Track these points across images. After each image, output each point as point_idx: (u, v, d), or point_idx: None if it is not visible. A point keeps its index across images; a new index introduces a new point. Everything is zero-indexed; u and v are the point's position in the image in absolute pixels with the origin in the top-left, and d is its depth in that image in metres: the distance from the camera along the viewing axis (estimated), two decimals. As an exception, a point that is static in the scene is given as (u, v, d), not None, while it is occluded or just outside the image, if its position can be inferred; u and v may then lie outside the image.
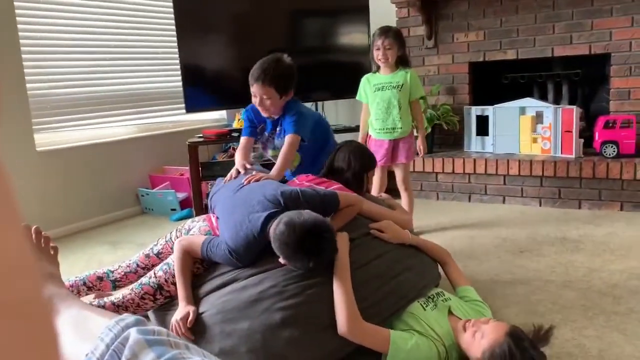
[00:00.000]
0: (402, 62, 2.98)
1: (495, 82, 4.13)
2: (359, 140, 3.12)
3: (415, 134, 3.13)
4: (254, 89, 2.26)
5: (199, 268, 1.82)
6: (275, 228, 1.60)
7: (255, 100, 2.29)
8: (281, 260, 1.63)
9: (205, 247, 1.75)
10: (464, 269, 2.06)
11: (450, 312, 1.70)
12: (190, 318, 1.67)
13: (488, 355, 1.45)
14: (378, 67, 3.00)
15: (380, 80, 2.97)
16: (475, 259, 2.67)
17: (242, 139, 2.40)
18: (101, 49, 3.89)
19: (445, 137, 4.21)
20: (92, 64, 3.84)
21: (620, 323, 1.92)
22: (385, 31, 2.90)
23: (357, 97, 3.13)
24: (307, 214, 1.60)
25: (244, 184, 1.91)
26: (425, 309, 1.70)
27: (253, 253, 1.71)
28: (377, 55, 2.92)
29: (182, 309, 1.70)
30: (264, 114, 2.33)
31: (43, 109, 3.52)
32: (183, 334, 1.66)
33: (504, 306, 2.12)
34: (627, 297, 2.14)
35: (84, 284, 2.05)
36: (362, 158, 2.18)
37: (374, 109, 3.00)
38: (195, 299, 1.74)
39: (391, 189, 3.06)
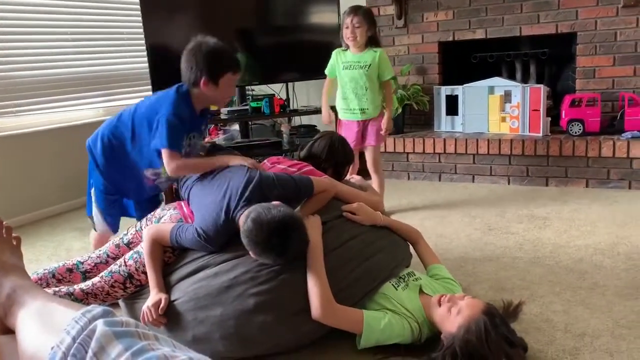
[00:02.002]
0: (372, 42, 2.94)
1: (464, 62, 4.16)
2: (323, 113, 3.10)
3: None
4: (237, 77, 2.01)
5: (170, 257, 1.79)
6: (244, 223, 1.58)
7: (227, 95, 2.05)
8: (251, 254, 1.62)
9: (174, 233, 1.72)
10: (434, 247, 2.08)
11: (421, 291, 1.73)
12: (161, 305, 1.66)
13: (464, 331, 1.47)
14: (348, 46, 2.97)
15: (349, 59, 2.95)
16: (445, 237, 2.71)
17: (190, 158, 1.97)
18: (64, 29, 3.76)
19: (415, 117, 4.23)
20: (54, 44, 3.71)
21: (585, 297, 1.98)
22: (354, 10, 2.86)
23: (325, 71, 3.08)
24: (276, 210, 1.57)
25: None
26: (397, 289, 1.72)
27: (222, 237, 1.69)
28: (346, 34, 2.89)
29: (154, 296, 1.69)
30: (222, 106, 2.12)
31: (3, 92, 3.39)
32: (154, 320, 1.64)
33: (473, 283, 2.16)
34: (591, 272, 2.20)
35: (53, 276, 1.99)
36: (344, 152, 2.18)
37: (342, 88, 2.98)
38: (166, 287, 1.72)
39: (362, 170, 3.07)
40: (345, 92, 2.97)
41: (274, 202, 1.63)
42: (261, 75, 4.13)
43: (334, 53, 3.03)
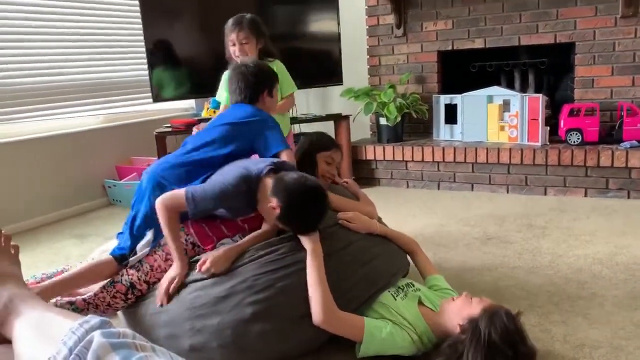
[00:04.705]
0: (265, 54, 2.61)
1: (463, 71, 4.17)
2: None
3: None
4: None
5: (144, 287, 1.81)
6: (284, 175, 1.65)
7: (276, 105, 2.24)
8: (272, 204, 1.62)
9: (190, 189, 1.71)
10: (433, 257, 2.07)
11: (420, 302, 1.72)
12: (174, 283, 1.68)
13: (490, 314, 1.44)
14: None
15: None
16: (444, 246, 2.70)
17: None
18: (64, 36, 3.78)
19: (414, 126, 4.24)
20: (54, 51, 3.71)
21: (584, 308, 1.97)
22: (237, 23, 2.52)
23: (216, 97, 2.76)
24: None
25: None
26: (395, 299, 1.71)
27: (246, 193, 1.68)
28: (234, 51, 2.55)
29: (175, 269, 1.71)
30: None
31: (3, 99, 3.40)
32: (162, 295, 1.68)
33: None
34: (590, 281, 2.20)
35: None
36: (313, 138, 2.16)
37: None
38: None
39: (359, 178, 3.07)
40: None
41: None
42: (261, 83, 4.14)
43: (225, 74, 2.55)
